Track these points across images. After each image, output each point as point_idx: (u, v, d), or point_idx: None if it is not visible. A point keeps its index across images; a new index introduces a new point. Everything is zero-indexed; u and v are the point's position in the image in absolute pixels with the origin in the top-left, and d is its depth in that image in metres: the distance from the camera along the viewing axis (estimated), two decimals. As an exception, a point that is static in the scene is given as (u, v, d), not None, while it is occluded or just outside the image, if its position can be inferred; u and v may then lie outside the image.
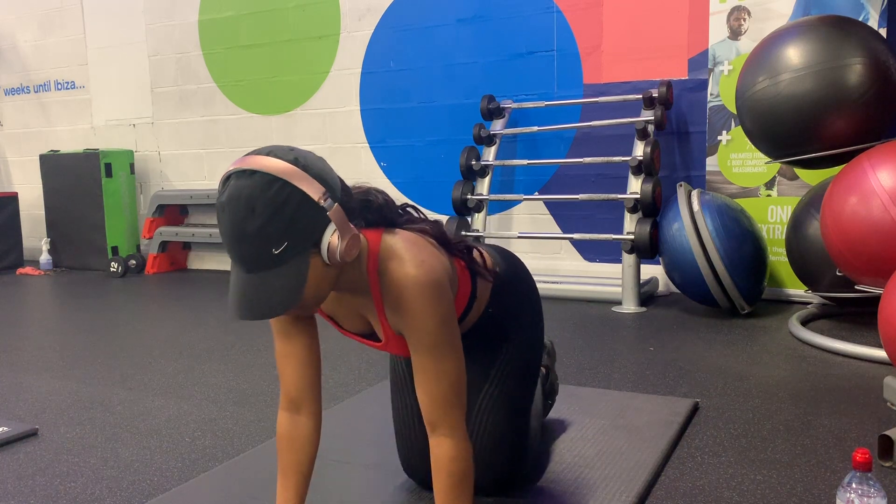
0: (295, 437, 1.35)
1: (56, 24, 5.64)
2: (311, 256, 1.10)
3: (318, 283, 1.13)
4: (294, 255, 1.07)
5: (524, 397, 1.59)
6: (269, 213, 1.04)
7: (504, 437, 1.52)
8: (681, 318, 3.22)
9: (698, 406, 2.09)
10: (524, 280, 1.63)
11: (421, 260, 1.21)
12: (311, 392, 1.34)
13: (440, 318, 1.21)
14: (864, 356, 2.50)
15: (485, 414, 1.52)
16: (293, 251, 1.07)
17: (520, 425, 1.57)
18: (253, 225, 1.04)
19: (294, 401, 1.34)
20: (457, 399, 1.24)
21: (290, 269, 1.08)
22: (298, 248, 1.08)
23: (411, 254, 1.21)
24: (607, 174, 3.92)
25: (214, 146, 5.13)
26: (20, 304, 4.11)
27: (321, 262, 1.11)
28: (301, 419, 1.35)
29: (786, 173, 3.44)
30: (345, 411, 2.09)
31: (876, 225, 2.38)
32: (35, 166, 5.71)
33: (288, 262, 1.07)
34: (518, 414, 1.56)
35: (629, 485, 1.56)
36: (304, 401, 1.34)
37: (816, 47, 2.69)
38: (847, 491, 1.22)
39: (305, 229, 1.08)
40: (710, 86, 3.59)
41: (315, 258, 1.10)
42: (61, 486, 1.70)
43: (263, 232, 1.05)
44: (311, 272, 1.10)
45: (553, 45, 4.01)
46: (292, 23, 4.72)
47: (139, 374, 2.62)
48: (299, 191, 1.06)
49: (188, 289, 4.44)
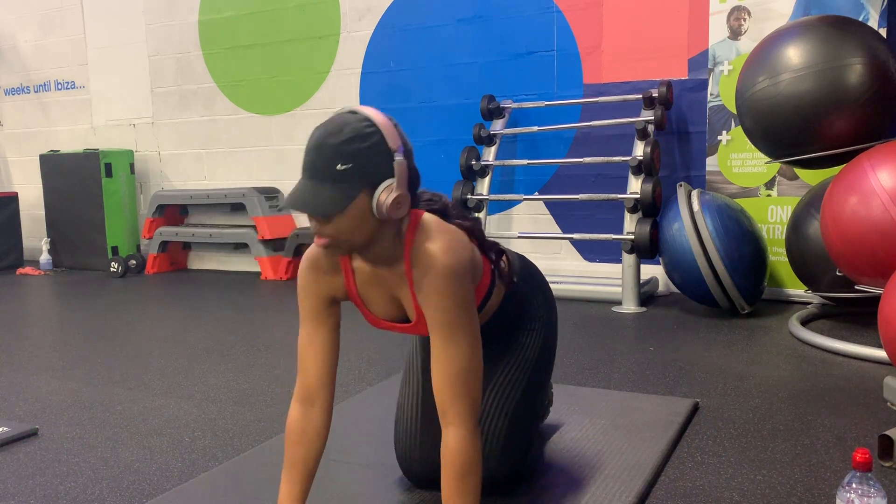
0: (306, 431, 1.37)
1: (56, 24, 5.64)
2: (363, 193, 1.21)
3: (358, 222, 1.22)
4: (351, 180, 1.20)
5: (538, 388, 1.61)
6: (350, 137, 1.20)
7: (515, 424, 1.54)
8: (681, 318, 3.22)
9: (698, 406, 2.09)
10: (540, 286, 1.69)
11: (451, 246, 1.28)
12: (327, 385, 1.38)
13: (458, 301, 1.27)
14: (864, 356, 2.50)
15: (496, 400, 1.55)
16: (352, 176, 1.20)
17: (529, 417, 1.59)
18: (334, 140, 1.20)
19: (310, 392, 1.38)
20: (467, 388, 1.27)
21: (342, 189, 1.20)
22: (357, 177, 1.20)
23: (444, 238, 1.29)
24: (607, 174, 3.92)
25: (214, 146, 5.13)
26: (20, 304, 4.11)
27: (368, 205, 1.22)
28: (314, 413, 1.38)
29: (786, 173, 3.44)
30: (345, 411, 2.09)
31: (876, 225, 2.38)
32: (35, 166, 5.71)
33: (344, 183, 1.19)
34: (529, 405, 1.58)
35: (629, 485, 1.56)
36: (320, 394, 1.38)
37: (816, 47, 2.69)
38: (847, 491, 1.22)
39: (371, 165, 1.21)
40: (710, 86, 3.59)
41: (365, 198, 1.21)
42: (61, 486, 1.70)
43: (339, 149, 1.19)
44: (356, 205, 1.21)
45: (553, 45, 4.01)
46: (292, 23, 4.73)
47: (139, 374, 2.62)
48: (382, 136, 1.23)
49: (188, 289, 4.45)
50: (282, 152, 4.90)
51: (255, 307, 3.81)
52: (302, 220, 4.87)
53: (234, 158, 5.08)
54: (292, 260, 4.65)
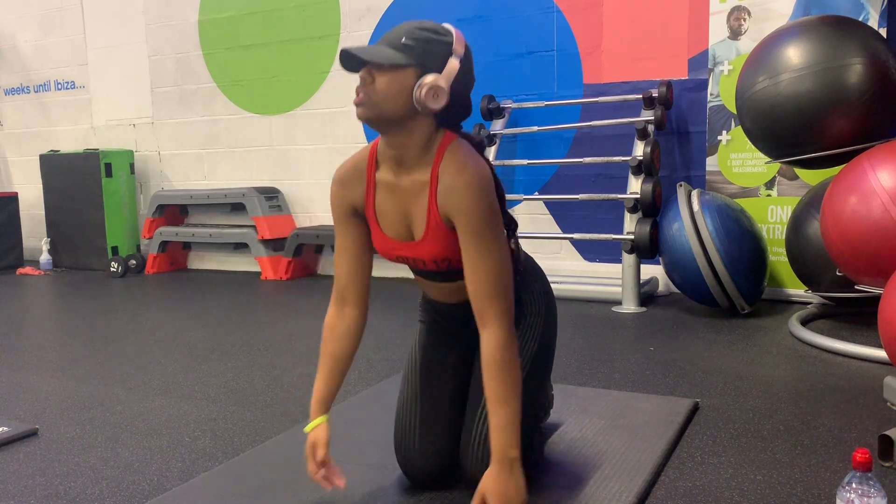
0: (337, 327, 1.55)
1: (56, 24, 5.64)
2: (412, 69, 1.36)
3: (395, 92, 1.35)
4: (408, 53, 1.36)
5: (535, 387, 1.61)
6: (425, 27, 1.39)
7: None
8: (681, 318, 3.22)
9: (698, 406, 2.09)
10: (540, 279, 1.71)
11: (481, 166, 1.40)
12: (357, 288, 1.55)
13: (489, 206, 1.37)
14: (864, 356, 2.50)
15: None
16: (410, 51, 1.36)
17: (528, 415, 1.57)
18: (412, 25, 1.39)
19: (342, 294, 1.55)
20: (502, 290, 1.38)
21: (397, 55, 1.35)
22: (414, 53, 1.36)
23: (476, 159, 1.40)
24: (607, 174, 3.92)
25: (214, 146, 5.13)
26: (20, 304, 4.11)
27: (411, 83, 1.36)
28: (346, 312, 1.55)
29: (786, 173, 3.44)
30: (345, 411, 2.09)
31: (876, 225, 2.38)
32: (35, 166, 5.71)
33: (401, 52, 1.36)
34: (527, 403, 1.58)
35: (629, 485, 1.56)
36: (350, 295, 1.55)
37: (816, 47, 2.69)
38: (847, 491, 1.22)
39: (429, 52, 1.37)
40: (710, 86, 3.59)
41: (411, 74, 1.36)
42: (61, 486, 1.70)
43: (411, 30, 1.38)
44: (401, 74, 1.35)
45: (553, 45, 4.01)
46: (292, 23, 4.73)
47: (139, 374, 2.62)
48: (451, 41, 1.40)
49: (188, 289, 4.45)
50: (282, 152, 4.90)
51: (255, 307, 3.81)
52: (301, 220, 4.88)
53: (234, 158, 5.08)
54: (292, 260, 4.65)
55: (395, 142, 1.41)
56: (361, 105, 1.36)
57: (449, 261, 1.47)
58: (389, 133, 1.40)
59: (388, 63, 1.34)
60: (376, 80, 1.35)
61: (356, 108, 1.37)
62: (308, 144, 4.80)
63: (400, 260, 1.52)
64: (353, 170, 1.50)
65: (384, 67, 1.35)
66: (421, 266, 1.52)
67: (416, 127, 1.39)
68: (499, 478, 1.35)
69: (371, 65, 1.35)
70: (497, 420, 1.35)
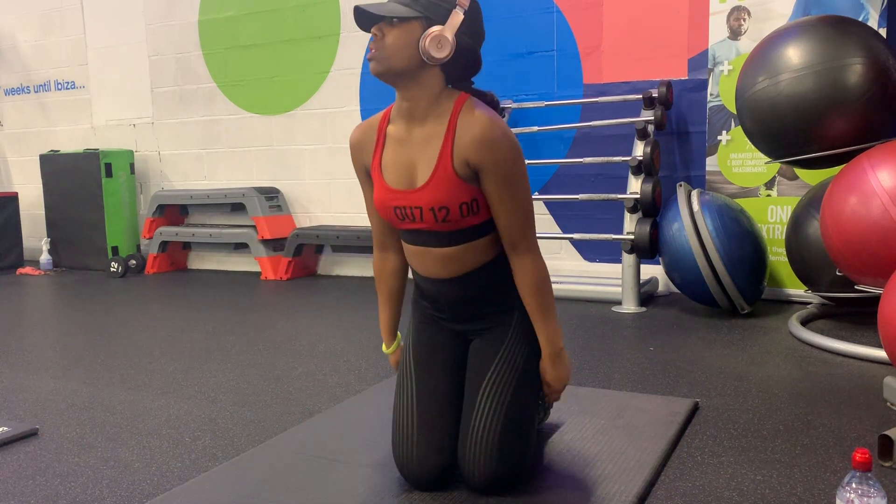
0: (385, 268, 1.75)
1: (56, 24, 5.64)
2: (419, 22, 1.45)
3: (403, 44, 1.45)
4: (414, 7, 1.44)
5: (530, 386, 1.62)
6: None
7: (513, 423, 1.55)
8: (681, 318, 3.22)
9: (698, 406, 2.09)
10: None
11: (503, 121, 1.51)
12: (393, 238, 1.72)
13: (517, 153, 1.50)
14: (864, 356, 2.50)
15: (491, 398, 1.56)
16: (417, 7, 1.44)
17: (527, 415, 1.59)
18: None
19: (382, 241, 1.73)
20: (530, 224, 1.56)
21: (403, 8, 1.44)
22: (420, 7, 1.44)
23: (496, 115, 1.50)
24: (607, 174, 3.92)
25: (214, 146, 5.13)
26: (20, 304, 4.11)
27: (417, 35, 1.45)
28: (389, 255, 1.75)
29: (786, 173, 3.44)
30: (345, 411, 2.09)
31: (876, 225, 2.38)
32: (35, 166, 5.71)
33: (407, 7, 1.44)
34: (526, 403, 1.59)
35: (629, 485, 1.56)
36: (389, 241, 1.73)
37: (816, 47, 2.69)
38: (847, 491, 1.22)
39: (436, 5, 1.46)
40: (710, 86, 3.59)
41: (417, 26, 1.45)
42: (61, 486, 1.70)
43: None
44: (408, 27, 1.45)
45: (553, 45, 4.01)
46: (292, 23, 4.73)
47: (139, 374, 2.62)
48: None
49: (188, 289, 4.45)
50: (282, 152, 4.90)
51: (255, 307, 3.81)
52: (301, 220, 4.88)
53: (234, 158, 5.08)
54: (292, 260, 4.65)
55: (407, 94, 1.51)
56: (374, 59, 1.47)
57: (447, 210, 1.52)
58: (401, 86, 1.50)
59: (396, 16, 1.43)
60: (386, 36, 1.45)
61: (369, 63, 1.48)
62: (308, 144, 4.80)
63: (396, 214, 1.57)
64: (367, 127, 1.62)
65: (393, 22, 1.45)
66: (416, 222, 1.56)
67: (425, 79, 1.49)
68: (554, 365, 1.62)
69: (383, 20, 1.46)
70: (543, 328, 1.59)
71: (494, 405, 1.54)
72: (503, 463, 1.52)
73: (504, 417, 1.54)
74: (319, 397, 2.28)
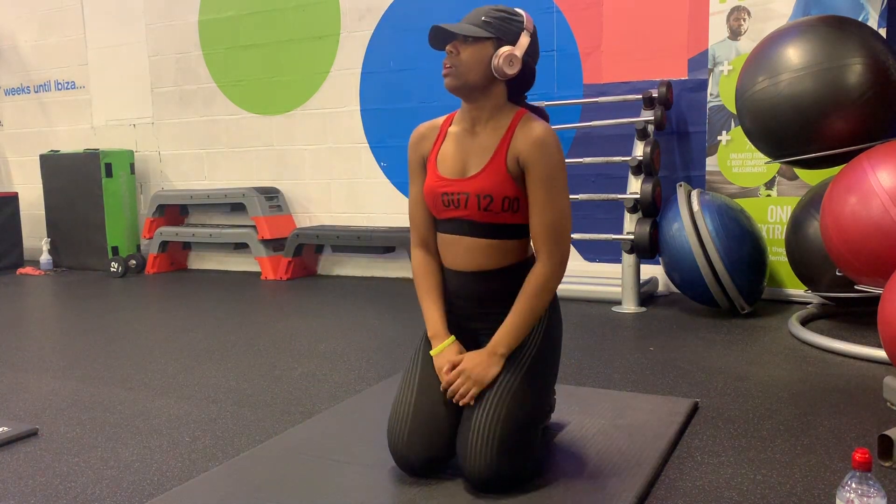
0: (430, 265, 1.77)
1: (56, 24, 5.64)
2: (491, 42, 1.61)
3: (477, 62, 1.60)
4: (488, 29, 1.60)
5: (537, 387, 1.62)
6: (501, 9, 1.65)
7: (518, 424, 1.55)
8: (681, 318, 3.22)
9: (698, 406, 2.09)
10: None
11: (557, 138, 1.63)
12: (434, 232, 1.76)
13: (561, 163, 1.62)
14: (864, 356, 2.50)
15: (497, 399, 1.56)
16: (489, 27, 1.61)
17: (532, 416, 1.60)
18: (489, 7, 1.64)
19: (423, 238, 1.77)
20: (560, 234, 1.62)
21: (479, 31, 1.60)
22: (493, 29, 1.61)
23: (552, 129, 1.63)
24: (607, 174, 3.92)
25: (214, 146, 5.13)
26: (20, 304, 4.11)
27: (489, 54, 1.61)
28: (431, 252, 1.78)
29: (786, 173, 3.44)
30: (345, 411, 2.09)
31: (876, 225, 2.38)
32: (35, 166, 5.71)
33: (482, 28, 1.60)
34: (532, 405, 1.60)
35: (629, 484, 1.56)
36: (430, 238, 1.77)
37: (816, 47, 2.69)
38: (847, 491, 1.22)
39: (506, 28, 1.63)
40: (710, 86, 3.59)
41: (490, 46, 1.61)
42: (61, 486, 1.70)
43: (490, 12, 1.63)
44: (482, 46, 1.61)
45: (553, 45, 4.01)
46: (292, 23, 4.73)
47: (139, 374, 2.62)
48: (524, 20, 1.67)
49: (188, 289, 4.45)
50: (282, 152, 4.90)
51: (255, 307, 3.81)
52: (301, 220, 4.88)
53: (234, 158, 5.08)
54: (292, 260, 4.65)
55: (475, 105, 1.65)
56: (450, 75, 1.61)
57: (490, 199, 1.62)
58: (471, 98, 1.65)
59: (474, 36, 1.59)
60: (461, 53, 1.60)
61: (445, 78, 1.62)
62: (308, 144, 4.80)
63: (443, 200, 1.67)
64: (430, 126, 1.75)
65: (469, 40, 1.60)
66: (460, 209, 1.65)
67: (493, 92, 1.64)
68: (484, 362, 1.61)
69: (458, 38, 1.60)
70: (509, 321, 1.62)
71: (499, 403, 1.55)
72: (505, 461, 1.52)
73: (508, 416, 1.54)
74: (319, 397, 2.28)
